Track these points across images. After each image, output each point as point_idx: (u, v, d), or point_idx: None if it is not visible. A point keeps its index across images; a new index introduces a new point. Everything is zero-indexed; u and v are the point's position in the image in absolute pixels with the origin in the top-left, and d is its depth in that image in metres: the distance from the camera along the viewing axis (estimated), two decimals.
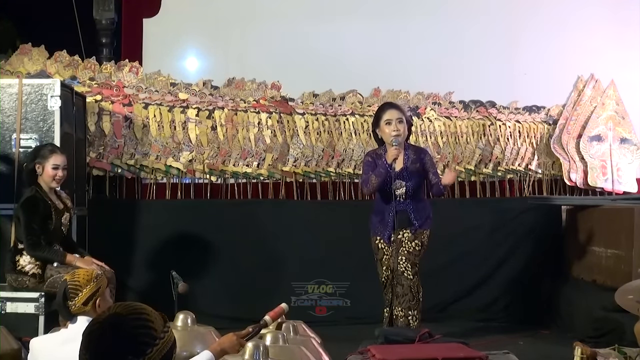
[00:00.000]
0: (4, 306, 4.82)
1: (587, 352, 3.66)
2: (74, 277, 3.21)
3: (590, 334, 5.55)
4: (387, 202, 5.34)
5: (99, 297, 3.14)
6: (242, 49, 7.30)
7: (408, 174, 5.33)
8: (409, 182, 5.32)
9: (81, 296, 3.11)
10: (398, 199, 5.30)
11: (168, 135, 6.82)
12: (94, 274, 3.24)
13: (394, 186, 5.30)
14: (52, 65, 6.77)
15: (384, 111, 5.40)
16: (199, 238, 6.60)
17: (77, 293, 3.12)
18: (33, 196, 4.90)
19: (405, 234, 5.33)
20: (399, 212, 5.30)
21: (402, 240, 5.32)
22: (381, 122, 5.36)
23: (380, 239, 5.39)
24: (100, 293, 3.16)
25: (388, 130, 5.31)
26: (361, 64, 7.28)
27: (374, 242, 5.42)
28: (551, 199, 7.07)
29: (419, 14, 7.48)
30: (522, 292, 6.77)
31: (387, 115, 5.35)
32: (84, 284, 3.13)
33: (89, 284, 3.14)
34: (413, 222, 5.32)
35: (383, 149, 5.42)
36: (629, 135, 7.54)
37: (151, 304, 2.06)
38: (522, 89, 7.49)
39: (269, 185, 6.99)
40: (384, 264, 5.38)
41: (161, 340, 1.89)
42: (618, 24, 7.65)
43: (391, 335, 4.71)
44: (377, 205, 5.46)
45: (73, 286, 3.15)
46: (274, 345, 3.51)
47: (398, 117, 5.35)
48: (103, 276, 3.31)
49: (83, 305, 3.10)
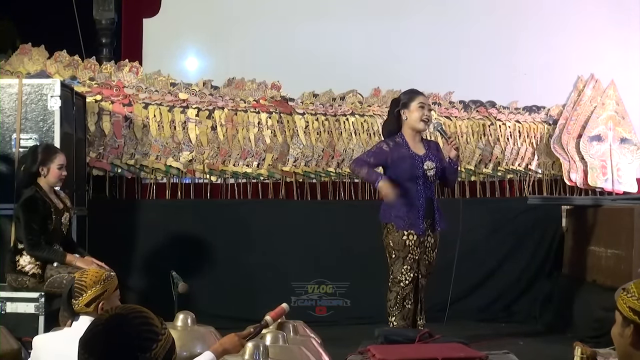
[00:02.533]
0: (4, 306, 4.82)
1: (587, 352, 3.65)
2: (82, 276, 3.16)
3: (590, 334, 5.55)
4: (415, 189, 5.08)
5: (104, 300, 3.08)
6: (242, 49, 7.30)
7: (433, 156, 5.17)
8: (437, 164, 5.16)
9: (85, 297, 3.08)
10: (429, 180, 5.11)
11: (168, 135, 6.82)
12: (104, 276, 3.17)
13: (426, 166, 5.09)
14: (52, 65, 6.77)
15: (418, 94, 5.20)
16: (199, 238, 6.60)
17: (82, 293, 3.09)
18: (33, 196, 4.90)
19: (429, 239, 5.16)
20: (428, 198, 5.13)
21: (426, 247, 5.15)
22: (413, 103, 5.13)
23: (408, 233, 5.05)
24: (106, 297, 3.10)
25: (419, 114, 5.11)
26: (361, 64, 7.28)
27: (400, 238, 5.05)
28: (551, 199, 7.07)
29: (419, 14, 7.48)
30: (522, 292, 6.78)
31: (421, 98, 5.17)
32: (90, 286, 3.08)
33: (95, 286, 3.09)
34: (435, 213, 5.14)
35: (400, 136, 5.18)
36: (629, 135, 7.54)
37: (151, 304, 2.07)
38: (522, 89, 7.49)
39: (269, 185, 6.99)
40: (407, 263, 5.07)
41: (163, 336, 1.91)
42: (618, 24, 7.65)
43: (391, 335, 4.70)
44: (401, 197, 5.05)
45: (79, 285, 3.11)
46: (274, 345, 3.51)
47: (429, 104, 5.24)
48: (113, 279, 3.22)
49: (85, 307, 3.07)
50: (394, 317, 5.14)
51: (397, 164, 5.11)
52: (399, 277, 5.09)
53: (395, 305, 5.12)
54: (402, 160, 5.09)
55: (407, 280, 5.09)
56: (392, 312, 5.14)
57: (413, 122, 5.14)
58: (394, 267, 5.12)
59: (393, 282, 5.14)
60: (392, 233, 5.09)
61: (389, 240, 5.12)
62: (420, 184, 5.09)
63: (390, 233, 5.11)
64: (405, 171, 5.09)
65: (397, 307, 5.12)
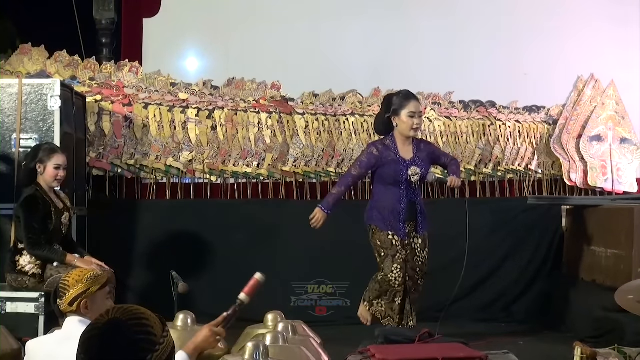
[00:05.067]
0: (4, 306, 4.82)
1: (587, 352, 3.66)
2: (66, 276, 3.15)
3: (590, 334, 5.55)
4: (398, 193, 5.19)
5: (87, 299, 3.04)
6: (242, 49, 7.30)
7: (420, 161, 5.25)
8: (423, 170, 5.24)
9: (67, 296, 3.07)
10: (413, 186, 5.21)
11: (168, 135, 6.82)
12: (88, 275, 3.13)
13: (410, 172, 5.18)
14: (52, 65, 6.77)
15: (409, 101, 5.22)
16: (199, 238, 6.60)
17: (65, 293, 3.08)
18: (33, 195, 4.91)
19: (416, 241, 5.26)
20: (410, 202, 5.22)
21: (415, 249, 5.25)
22: (403, 111, 5.19)
23: (394, 234, 5.19)
24: (89, 295, 3.05)
25: (409, 123, 5.18)
26: (361, 64, 7.29)
27: (386, 237, 5.19)
28: (551, 199, 7.07)
29: (419, 14, 7.47)
30: (522, 292, 6.77)
31: (412, 106, 5.19)
32: (72, 285, 3.06)
33: (77, 285, 3.06)
34: (418, 216, 5.24)
35: (390, 139, 5.27)
36: (629, 135, 7.54)
37: (151, 304, 2.06)
38: (522, 89, 7.48)
39: (269, 185, 6.99)
40: (397, 262, 5.18)
41: (161, 345, 1.84)
42: (618, 24, 7.64)
43: (391, 335, 4.71)
44: (383, 199, 5.26)
45: (63, 285, 3.11)
46: (274, 345, 3.52)
47: (420, 110, 5.30)
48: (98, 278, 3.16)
49: (69, 306, 3.07)
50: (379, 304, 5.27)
51: (384, 168, 5.24)
52: (389, 275, 5.19)
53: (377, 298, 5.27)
54: (387, 165, 5.22)
55: (399, 280, 5.20)
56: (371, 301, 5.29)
57: (402, 131, 5.25)
58: (385, 265, 5.23)
59: (383, 280, 5.25)
60: (378, 233, 5.23)
61: (376, 240, 5.26)
62: (402, 188, 5.22)
63: (375, 233, 5.25)
64: (389, 176, 5.22)
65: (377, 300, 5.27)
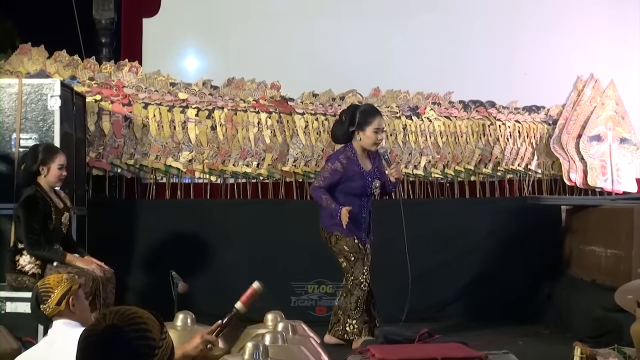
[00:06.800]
0: (4, 306, 4.82)
1: (587, 352, 3.67)
2: (44, 282, 3.27)
3: (590, 334, 5.55)
4: (359, 203, 5.36)
5: (72, 296, 3.17)
6: (242, 49, 7.30)
7: (379, 173, 5.46)
8: (381, 181, 5.46)
9: (54, 297, 3.16)
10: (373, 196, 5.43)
11: (168, 135, 6.82)
12: (64, 276, 3.29)
13: (374, 185, 5.40)
14: (52, 65, 6.77)
15: (374, 117, 5.39)
16: (199, 238, 6.60)
17: (50, 295, 3.18)
18: (33, 195, 4.91)
19: (367, 247, 5.41)
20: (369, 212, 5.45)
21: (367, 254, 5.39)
22: (369, 127, 5.35)
23: (358, 240, 5.34)
24: (73, 292, 3.19)
25: (374, 138, 5.36)
26: (361, 64, 7.28)
27: (352, 242, 5.33)
28: (551, 199, 7.07)
29: (419, 14, 7.46)
30: (522, 292, 6.77)
31: (377, 123, 5.37)
32: (55, 286, 3.19)
33: (60, 284, 3.20)
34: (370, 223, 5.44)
35: (351, 150, 5.41)
36: (629, 135, 7.54)
37: (151, 304, 2.06)
38: (522, 89, 7.48)
39: (268, 185, 6.99)
40: (366, 265, 5.33)
41: (160, 349, 1.83)
42: (618, 24, 7.64)
43: (391, 335, 4.72)
44: None
45: (44, 289, 3.20)
46: (274, 345, 3.52)
47: (383, 126, 5.52)
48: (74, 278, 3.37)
49: (57, 306, 3.15)
50: (354, 321, 5.30)
51: (349, 182, 5.36)
52: (360, 278, 5.29)
53: (356, 308, 5.29)
54: (353, 179, 5.35)
55: (367, 281, 5.31)
56: (353, 315, 5.31)
57: (365, 145, 5.40)
58: (355, 269, 5.30)
59: (354, 285, 5.31)
60: (343, 239, 5.33)
61: (342, 246, 5.34)
62: (364, 200, 5.41)
63: (340, 240, 5.33)
64: (355, 189, 5.36)
65: (357, 311, 5.29)
